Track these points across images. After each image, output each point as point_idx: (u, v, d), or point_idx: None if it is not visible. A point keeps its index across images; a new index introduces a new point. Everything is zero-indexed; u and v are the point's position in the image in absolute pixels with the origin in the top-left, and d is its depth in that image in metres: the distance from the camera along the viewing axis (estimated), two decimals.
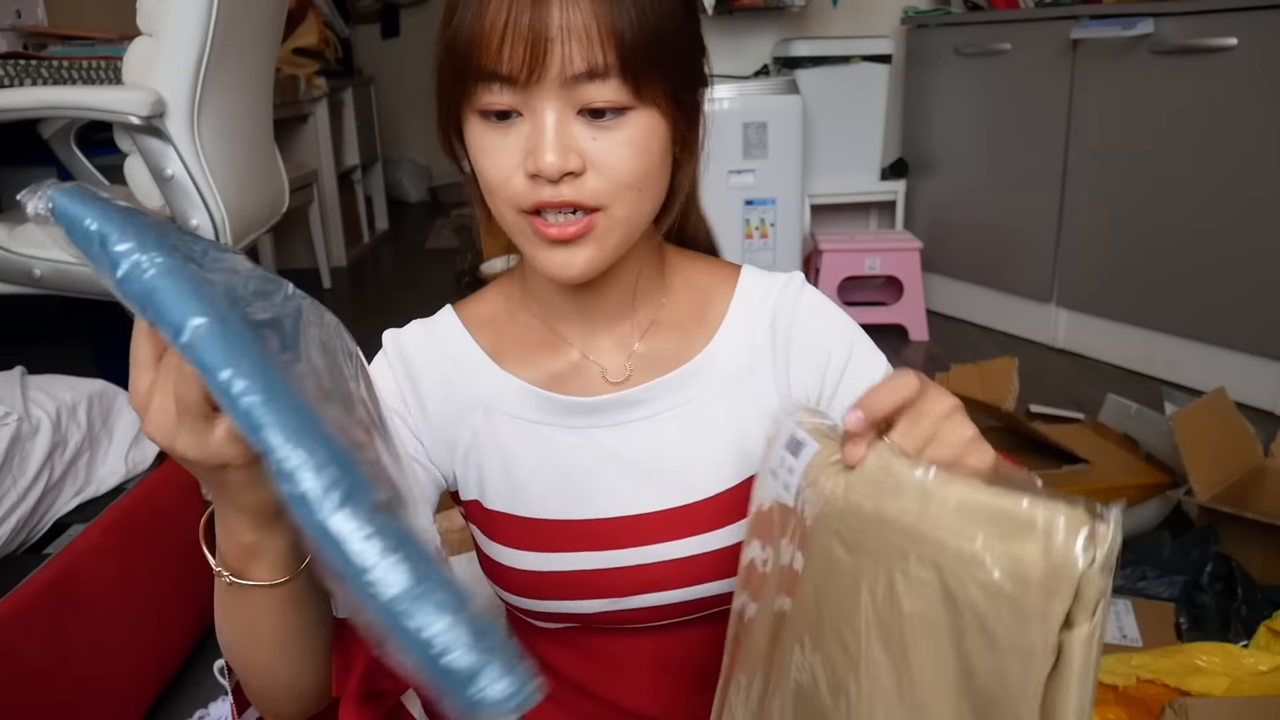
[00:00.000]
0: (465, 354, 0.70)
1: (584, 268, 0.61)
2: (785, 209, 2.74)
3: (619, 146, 0.58)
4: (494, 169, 0.59)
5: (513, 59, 0.56)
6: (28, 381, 1.25)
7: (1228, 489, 1.48)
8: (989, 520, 0.42)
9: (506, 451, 0.69)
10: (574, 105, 0.57)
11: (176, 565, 1.35)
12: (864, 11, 3.02)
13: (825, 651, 0.51)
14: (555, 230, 0.59)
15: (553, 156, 0.56)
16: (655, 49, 0.57)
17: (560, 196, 0.58)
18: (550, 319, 0.71)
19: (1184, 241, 2.24)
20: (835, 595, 0.50)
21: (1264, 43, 2.00)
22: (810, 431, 0.53)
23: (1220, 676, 1.13)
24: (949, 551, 0.43)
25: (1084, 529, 0.39)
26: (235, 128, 1.62)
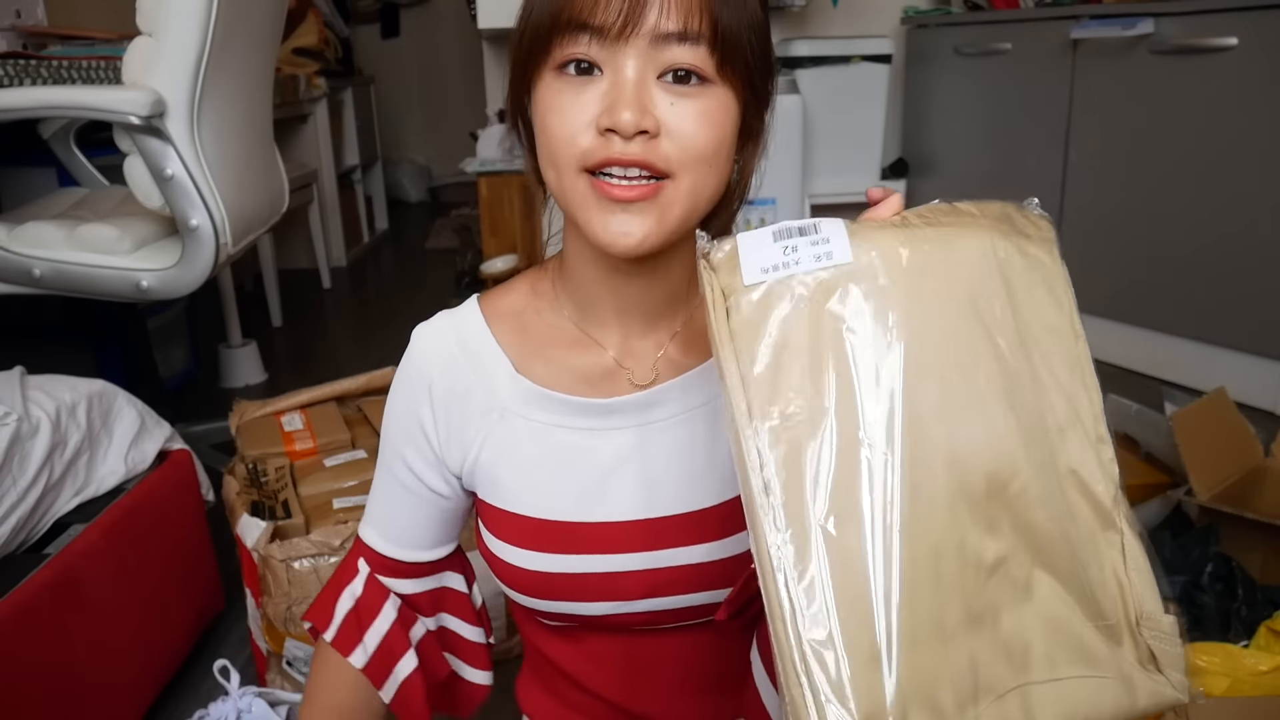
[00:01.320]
0: (485, 355, 0.69)
1: (642, 238, 0.59)
2: (785, 209, 2.73)
3: (695, 115, 0.58)
4: (563, 125, 0.58)
5: (609, 9, 0.55)
6: (27, 381, 1.24)
7: (1228, 489, 1.48)
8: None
9: (521, 453, 0.69)
10: (658, 67, 0.57)
11: (176, 565, 1.35)
12: (864, 11, 3.02)
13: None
14: (620, 189, 0.57)
15: (630, 112, 0.55)
16: (742, 29, 0.58)
17: (629, 154, 0.56)
18: (583, 319, 0.69)
19: (1184, 241, 2.24)
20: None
21: (1264, 43, 2.00)
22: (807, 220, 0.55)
23: (1220, 676, 1.13)
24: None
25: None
26: (235, 128, 1.62)
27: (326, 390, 1.59)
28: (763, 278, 0.53)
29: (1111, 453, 0.58)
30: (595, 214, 0.59)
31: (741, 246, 0.53)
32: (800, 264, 0.53)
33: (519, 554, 0.69)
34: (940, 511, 0.51)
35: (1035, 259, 0.63)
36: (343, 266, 3.97)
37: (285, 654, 1.29)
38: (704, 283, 0.53)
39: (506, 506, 0.70)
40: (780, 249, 0.53)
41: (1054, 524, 0.54)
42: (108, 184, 1.96)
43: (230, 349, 2.60)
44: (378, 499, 0.77)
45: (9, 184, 2.01)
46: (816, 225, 0.54)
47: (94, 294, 1.55)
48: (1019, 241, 0.63)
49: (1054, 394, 0.57)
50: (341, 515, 1.33)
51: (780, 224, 0.54)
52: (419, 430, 0.71)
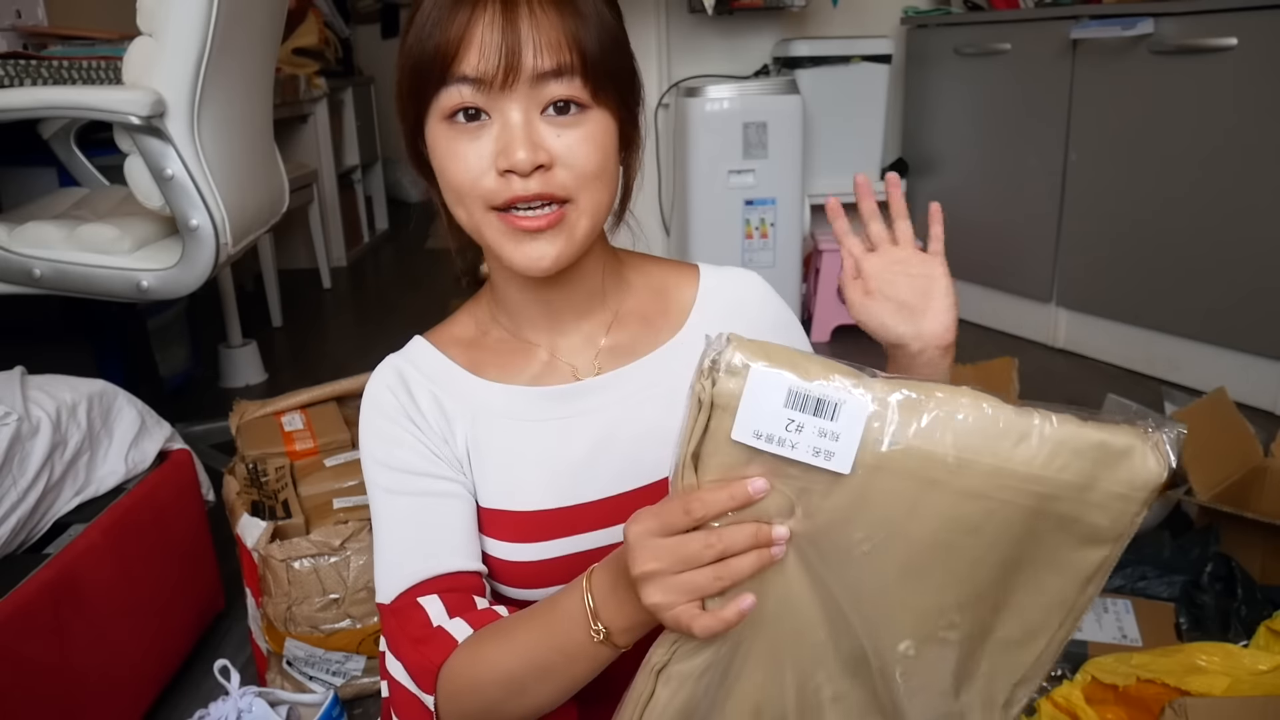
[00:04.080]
0: (444, 372, 0.74)
1: (555, 259, 0.65)
2: (785, 209, 2.74)
3: (581, 141, 0.64)
4: (464, 171, 0.64)
5: (485, 63, 0.61)
6: (28, 381, 1.24)
7: (1228, 489, 1.48)
8: (1089, 454, 0.52)
9: (497, 452, 0.73)
10: (539, 104, 0.63)
11: (176, 565, 1.35)
12: (864, 11, 3.02)
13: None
14: (528, 221, 0.64)
15: (524, 152, 0.61)
16: (607, 59, 0.65)
17: (530, 190, 0.62)
18: (518, 327, 0.76)
19: (1184, 241, 2.24)
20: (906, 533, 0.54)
21: (1264, 43, 2.00)
22: (833, 386, 0.52)
23: (1220, 676, 1.13)
24: (1053, 483, 0.52)
25: (1164, 449, 0.54)
26: (235, 128, 1.62)
27: (326, 390, 1.60)
28: (751, 441, 0.51)
29: (1029, 689, 0.59)
30: (510, 245, 0.65)
31: (751, 386, 0.51)
32: (796, 449, 0.51)
33: (506, 548, 0.72)
34: (818, 633, 0.56)
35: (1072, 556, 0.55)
36: (343, 266, 3.97)
37: (285, 654, 1.30)
38: (694, 384, 0.52)
39: (490, 504, 0.73)
40: (785, 419, 0.51)
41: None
42: (108, 184, 1.96)
43: (230, 349, 2.60)
44: (403, 528, 0.71)
45: (9, 184, 2.01)
46: (836, 406, 0.51)
47: (94, 294, 1.55)
48: (1067, 538, 0.54)
49: (1013, 619, 0.57)
50: (341, 515, 1.33)
51: (801, 385, 0.51)
52: (415, 441, 0.72)
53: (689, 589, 0.53)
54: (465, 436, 0.73)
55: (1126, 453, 0.53)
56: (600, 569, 0.60)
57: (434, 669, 0.65)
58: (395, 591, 0.69)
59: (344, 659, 1.29)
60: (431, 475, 0.72)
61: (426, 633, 0.67)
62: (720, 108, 2.67)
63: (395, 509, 0.72)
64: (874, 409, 0.51)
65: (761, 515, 0.54)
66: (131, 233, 1.54)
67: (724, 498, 0.53)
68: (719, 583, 0.53)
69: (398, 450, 0.72)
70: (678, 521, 0.54)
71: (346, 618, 1.27)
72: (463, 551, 0.71)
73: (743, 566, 0.53)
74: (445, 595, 0.68)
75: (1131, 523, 0.54)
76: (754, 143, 2.68)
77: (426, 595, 0.68)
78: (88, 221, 1.57)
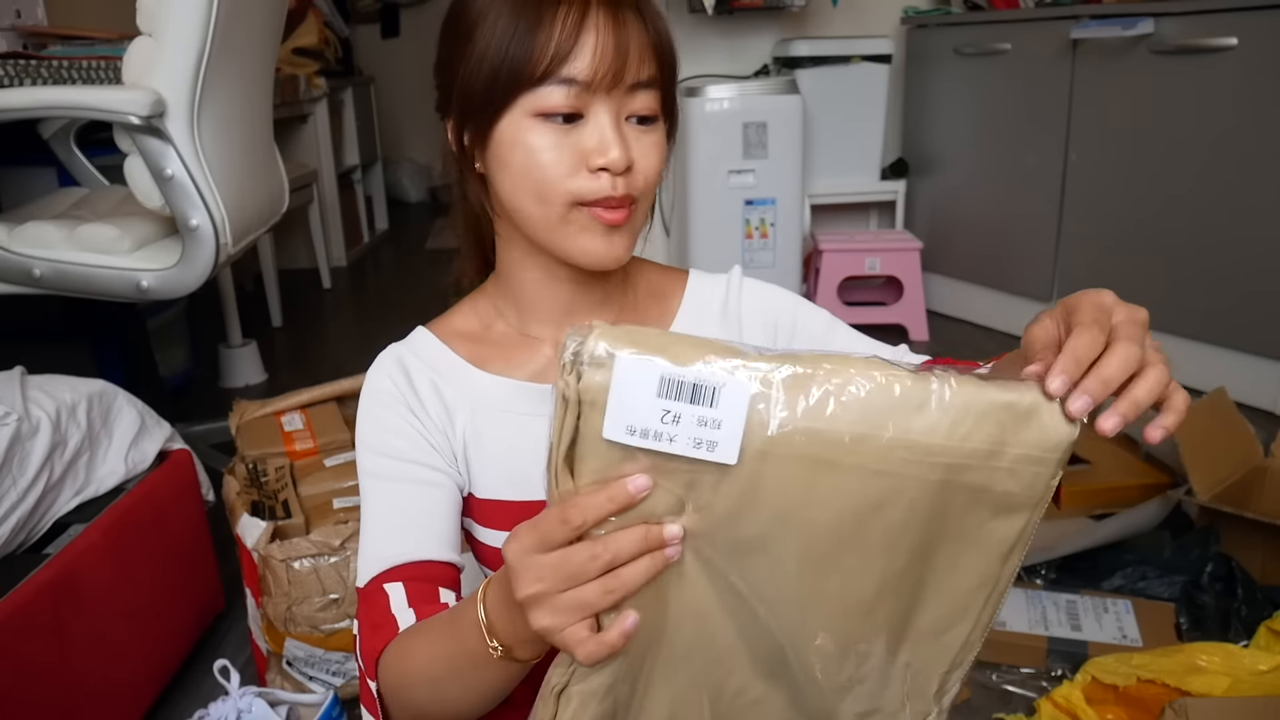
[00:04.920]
0: (446, 362, 0.75)
1: (623, 252, 0.69)
2: (785, 209, 2.74)
3: (652, 149, 0.68)
4: (555, 165, 0.66)
5: (598, 65, 0.64)
6: (27, 381, 1.24)
7: (1228, 489, 1.48)
8: (993, 417, 0.48)
9: (494, 443, 0.73)
10: (626, 110, 0.67)
11: (176, 565, 1.35)
12: (864, 11, 3.02)
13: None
14: (615, 215, 0.67)
15: (619, 153, 0.65)
16: (673, 73, 0.70)
17: (619, 190, 0.66)
18: (525, 323, 0.76)
19: (1184, 241, 2.24)
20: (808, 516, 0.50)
21: (1264, 43, 2.00)
22: (709, 367, 0.47)
23: (1220, 676, 1.13)
24: (959, 451, 0.48)
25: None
26: (235, 128, 1.62)
27: (326, 390, 1.59)
28: (625, 439, 0.47)
29: (960, 673, 0.57)
30: (588, 238, 0.68)
31: (618, 377, 0.46)
32: (675, 442, 0.46)
33: (505, 537, 0.71)
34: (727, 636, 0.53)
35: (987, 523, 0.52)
36: (343, 266, 3.97)
37: (285, 654, 1.29)
38: (557, 381, 0.48)
39: (489, 495, 0.74)
40: (659, 410, 0.46)
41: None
42: (108, 184, 1.96)
43: (230, 349, 2.60)
44: (386, 516, 0.71)
45: (9, 184, 2.01)
46: (715, 390, 0.46)
47: (94, 294, 1.55)
48: (976, 507, 0.51)
49: (934, 604, 0.53)
50: (341, 515, 1.33)
51: (674, 371, 0.46)
52: (411, 430, 0.72)
53: (578, 607, 0.49)
54: (464, 427, 0.73)
55: (1033, 411, 0.48)
56: (494, 583, 0.57)
57: (375, 655, 0.66)
58: (368, 575, 0.69)
59: (344, 659, 1.29)
60: (420, 463, 0.72)
61: (383, 619, 0.67)
62: (720, 108, 2.67)
63: (381, 494, 0.72)
64: (757, 390, 0.46)
65: (650, 516, 0.49)
66: (131, 233, 1.54)
67: (603, 500, 0.49)
68: (610, 596, 0.49)
69: (390, 437, 0.72)
70: (557, 534, 0.50)
71: (346, 618, 1.27)
72: (440, 540, 0.71)
73: (635, 574, 0.49)
74: (410, 584, 0.68)
75: (1047, 486, 0.50)
76: (754, 143, 2.68)
77: (393, 581, 0.68)
78: (88, 221, 1.57)
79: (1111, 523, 1.47)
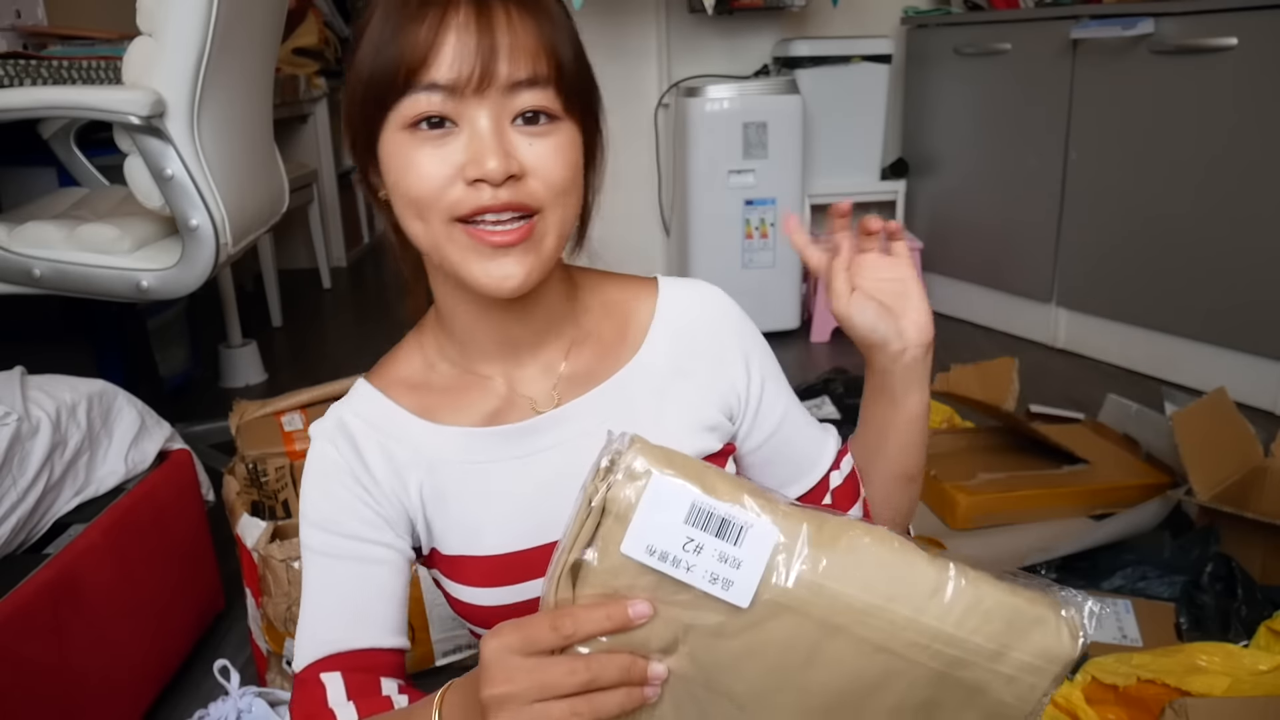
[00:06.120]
0: (392, 420, 0.69)
1: (524, 277, 0.61)
2: (785, 209, 2.74)
3: (552, 151, 0.61)
4: (427, 180, 0.60)
5: (459, 68, 0.58)
6: (28, 381, 1.24)
7: (1228, 489, 1.48)
8: (1003, 617, 0.47)
9: (456, 499, 0.69)
10: (510, 113, 0.60)
11: (176, 565, 1.35)
12: (864, 11, 3.02)
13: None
14: (499, 236, 0.60)
15: (496, 160, 0.58)
16: (578, 70, 0.63)
17: (500, 199, 0.59)
18: (470, 361, 0.71)
19: (1185, 241, 2.24)
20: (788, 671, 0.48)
21: (1264, 43, 2.00)
22: (740, 507, 0.47)
23: (1220, 676, 1.13)
24: (965, 645, 0.47)
25: (1077, 624, 0.48)
26: (235, 128, 1.62)
27: (326, 390, 1.60)
28: (643, 557, 0.46)
29: None
30: (476, 263, 0.61)
31: (650, 495, 0.46)
32: (691, 573, 0.46)
33: (482, 593, 0.69)
34: None
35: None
36: (343, 266, 3.97)
37: (285, 654, 1.29)
38: (587, 484, 0.47)
39: (459, 552, 0.70)
40: (684, 536, 0.46)
41: None
42: (108, 184, 1.96)
43: (230, 349, 2.60)
44: (327, 596, 0.67)
45: (9, 184, 2.01)
46: (742, 529, 0.46)
47: (94, 294, 1.55)
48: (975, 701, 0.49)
49: None
50: None
51: (706, 502, 0.46)
52: (357, 502, 0.68)
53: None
54: (420, 487, 0.69)
55: (1040, 621, 0.48)
56: (455, 688, 0.55)
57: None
58: (304, 661, 0.66)
59: None
60: (366, 540, 0.67)
61: (319, 711, 0.64)
62: (720, 108, 2.67)
63: (322, 572, 0.68)
64: (782, 539, 0.46)
65: (640, 647, 0.48)
66: (131, 233, 1.54)
67: (599, 617, 0.47)
68: (577, 718, 0.47)
69: (334, 511, 0.68)
70: (543, 639, 0.48)
71: None
72: (384, 625, 0.67)
73: (607, 704, 0.47)
74: (349, 674, 0.65)
75: (1039, 702, 0.49)
76: (754, 143, 2.68)
77: (331, 671, 0.65)
78: (88, 221, 1.57)
79: (1111, 523, 1.47)
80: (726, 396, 0.73)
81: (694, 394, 0.72)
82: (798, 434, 0.78)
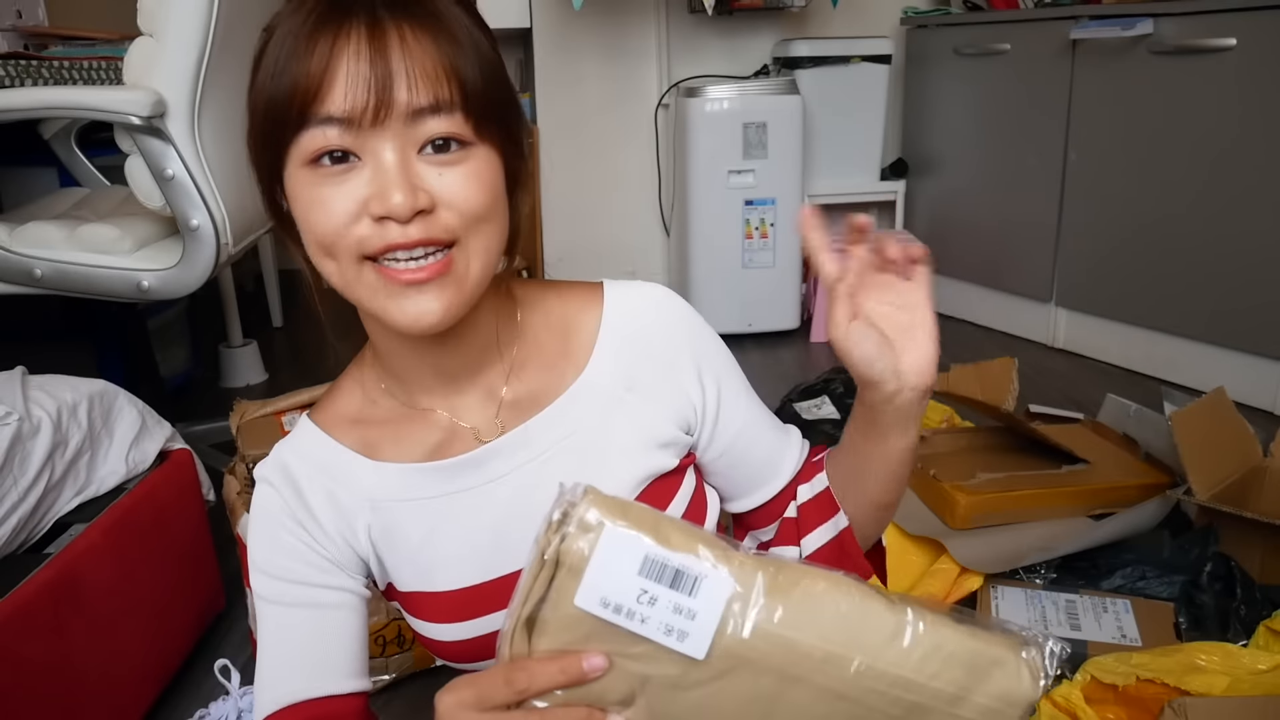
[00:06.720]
0: (336, 461, 0.68)
1: (444, 313, 0.58)
2: (785, 209, 2.74)
3: (465, 179, 0.57)
4: (331, 218, 0.56)
5: (354, 99, 0.54)
6: (28, 381, 1.25)
7: (1227, 489, 1.48)
8: (962, 660, 0.47)
9: (405, 538, 0.68)
10: (415, 143, 0.56)
11: (176, 565, 1.35)
12: (864, 12, 3.02)
13: None
14: (411, 273, 0.56)
15: (402, 195, 0.54)
16: (489, 90, 0.58)
17: (410, 237, 0.55)
18: (409, 394, 0.68)
19: (1184, 241, 2.24)
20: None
21: (1264, 43, 2.00)
22: (694, 557, 0.46)
23: (1220, 676, 1.13)
24: (925, 690, 0.47)
25: (1038, 665, 0.48)
26: (236, 128, 1.61)
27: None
28: (597, 610, 0.46)
29: None
30: (389, 301, 0.58)
31: (603, 547, 0.45)
32: (646, 625, 0.45)
33: (444, 629, 0.68)
34: None
35: None
36: None
37: None
38: (539, 538, 0.47)
39: (415, 589, 0.69)
40: (638, 588, 0.45)
41: None
42: (109, 184, 1.96)
43: (231, 349, 2.61)
44: (283, 644, 0.66)
45: (10, 184, 2.01)
46: (696, 580, 0.45)
47: (95, 294, 1.56)
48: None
49: None
50: None
51: (659, 553, 0.45)
52: (304, 547, 0.67)
53: None
54: (368, 528, 0.67)
55: (999, 663, 0.47)
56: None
57: None
58: (264, 712, 0.65)
59: None
60: (315, 585, 0.66)
61: None
62: (720, 108, 2.68)
63: (275, 621, 0.66)
64: (737, 589, 0.46)
65: (597, 700, 0.47)
66: (132, 233, 1.55)
67: (553, 671, 0.46)
68: None
69: (281, 558, 0.66)
70: (497, 694, 0.47)
71: None
72: (341, 670, 0.66)
73: None
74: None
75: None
76: (754, 143, 2.68)
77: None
78: (88, 222, 1.57)
79: (1110, 523, 1.47)
80: (682, 410, 0.70)
81: (646, 409, 0.69)
82: (760, 438, 0.75)
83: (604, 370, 0.69)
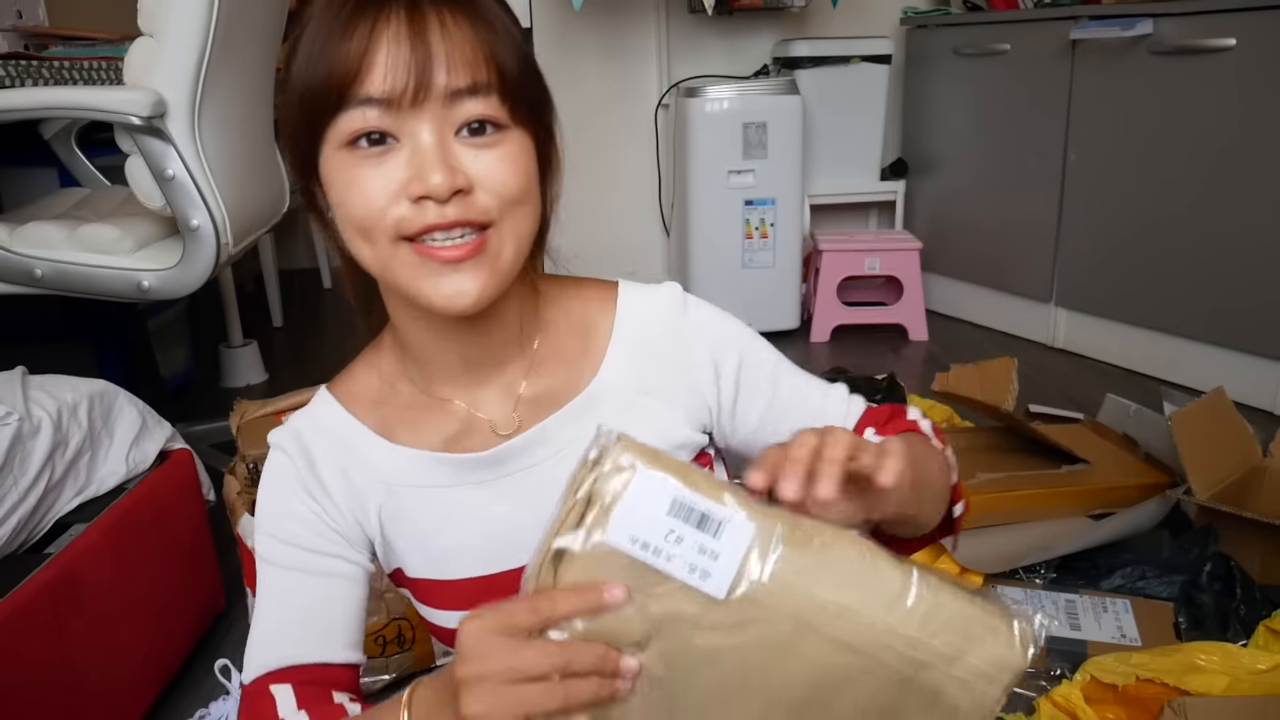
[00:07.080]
0: (353, 437, 0.68)
1: (479, 294, 0.59)
2: (785, 209, 2.74)
3: (501, 162, 0.58)
4: (370, 199, 0.57)
5: (394, 80, 0.55)
6: (29, 381, 1.25)
7: (1227, 488, 1.48)
8: (960, 624, 0.49)
9: (417, 523, 0.68)
10: (453, 125, 0.57)
11: (176, 565, 1.36)
12: (864, 12, 3.02)
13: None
14: (448, 251, 0.57)
15: (440, 175, 0.55)
16: (524, 75, 0.60)
17: (447, 217, 0.56)
18: (429, 382, 0.69)
19: (1184, 241, 2.24)
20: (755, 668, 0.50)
21: (1264, 43, 2.00)
22: (719, 503, 0.48)
23: (1219, 675, 1.13)
24: (926, 648, 0.49)
25: (1029, 635, 0.50)
26: (236, 128, 1.62)
27: None
28: (626, 547, 0.48)
29: None
30: (425, 280, 0.59)
31: (636, 487, 0.47)
32: (671, 562, 0.47)
33: (446, 615, 0.69)
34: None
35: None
36: None
37: None
38: (574, 475, 0.49)
39: (420, 575, 0.69)
40: (666, 527, 0.47)
41: None
42: (109, 184, 1.96)
43: (231, 349, 2.61)
44: (280, 607, 0.66)
45: (10, 184, 2.01)
46: (721, 524, 0.48)
47: (95, 294, 1.56)
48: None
49: None
50: None
51: (688, 495, 0.47)
52: (311, 514, 0.67)
53: (513, 702, 0.47)
54: (379, 509, 0.68)
55: (993, 630, 0.50)
56: (424, 684, 0.55)
57: None
58: (254, 674, 0.65)
59: None
60: (319, 553, 0.67)
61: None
62: (720, 108, 2.68)
63: (276, 584, 0.67)
64: (758, 536, 0.48)
65: (615, 638, 0.49)
66: (132, 233, 1.55)
67: (574, 598, 0.48)
68: (549, 702, 0.47)
69: (289, 521, 0.67)
70: (521, 619, 0.48)
71: None
72: (337, 640, 0.66)
73: (579, 691, 0.48)
74: (300, 687, 0.64)
75: (991, 710, 0.51)
76: (754, 143, 2.68)
77: (281, 684, 0.64)
78: (89, 222, 1.57)
79: (1110, 522, 1.47)
80: (697, 411, 0.71)
81: (662, 412, 0.69)
82: (793, 406, 0.73)
83: (618, 372, 0.70)
